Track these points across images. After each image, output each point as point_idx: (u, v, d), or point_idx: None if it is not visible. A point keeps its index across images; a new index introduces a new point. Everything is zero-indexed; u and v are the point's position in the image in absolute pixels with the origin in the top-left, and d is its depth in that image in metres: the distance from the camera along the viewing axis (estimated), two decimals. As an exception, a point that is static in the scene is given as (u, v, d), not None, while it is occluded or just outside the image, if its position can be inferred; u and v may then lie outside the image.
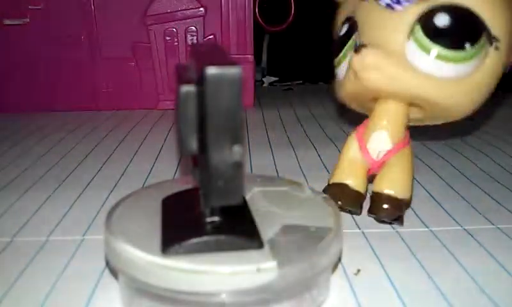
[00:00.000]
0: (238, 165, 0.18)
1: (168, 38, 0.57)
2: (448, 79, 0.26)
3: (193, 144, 0.19)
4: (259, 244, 0.19)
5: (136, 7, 0.56)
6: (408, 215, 0.30)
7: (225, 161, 0.17)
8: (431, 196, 0.33)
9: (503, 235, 0.27)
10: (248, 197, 0.24)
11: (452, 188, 0.34)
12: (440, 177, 0.36)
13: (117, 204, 0.23)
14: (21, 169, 0.38)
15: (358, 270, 0.24)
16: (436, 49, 0.26)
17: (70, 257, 0.25)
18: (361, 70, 0.27)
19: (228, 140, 0.17)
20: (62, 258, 0.25)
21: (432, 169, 0.38)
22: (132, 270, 0.19)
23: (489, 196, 0.33)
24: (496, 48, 0.26)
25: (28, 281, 0.23)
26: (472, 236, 0.27)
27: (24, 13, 0.55)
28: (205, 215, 0.20)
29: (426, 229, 0.28)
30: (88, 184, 0.35)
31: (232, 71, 0.17)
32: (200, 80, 0.17)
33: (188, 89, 0.18)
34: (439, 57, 0.26)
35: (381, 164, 0.29)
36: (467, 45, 0.26)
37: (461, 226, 0.28)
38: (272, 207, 0.23)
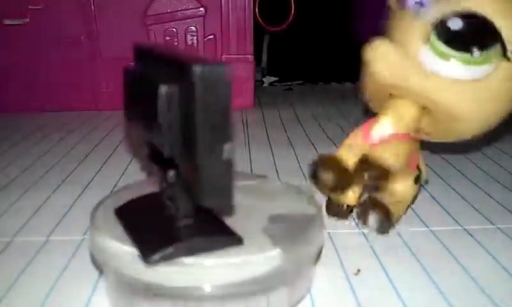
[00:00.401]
0: (229, 164, 0.17)
1: (168, 38, 0.57)
2: (456, 80, 0.26)
3: (176, 146, 0.18)
4: (239, 240, 0.19)
5: (136, 7, 0.56)
6: (408, 214, 0.30)
7: (216, 161, 0.17)
8: (431, 195, 0.33)
9: (503, 235, 0.27)
10: None
11: (452, 188, 0.34)
12: (440, 177, 0.36)
13: (99, 204, 0.23)
14: (21, 169, 0.38)
15: (358, 270, 0.24)
16: (447, 50, 0.26)
17: (70, 257, 0.25)
18: (371, 59, 0.27)
19: (219, 139, 0.17)
20: (62, 258, 0.25)
21: (432, 169, 0.38)
22: (120, 266, 0.19)
23: (489, 196, 0.33)
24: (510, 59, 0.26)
25: (28, 280, 0.23)
26: (471, 236, 0.27)
27: (24, 13, 0.55)
28: (176, 219, 0.20)
29: (426, 228, 0.28)
30: (88, 184, 0.35)
31: (221, 68, 0.17)
32: (183, 79, 0.17)
33: (170, 89, 0.17)
34: (447, 57, 0.26)
35: (378, 144, 0.28)
36: (475, 49, 0.26)
37: (461, 226, 0.28)
38: (249, 201, 0.23)
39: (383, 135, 0.28)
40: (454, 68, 0.26)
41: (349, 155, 0.28)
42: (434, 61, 0.26)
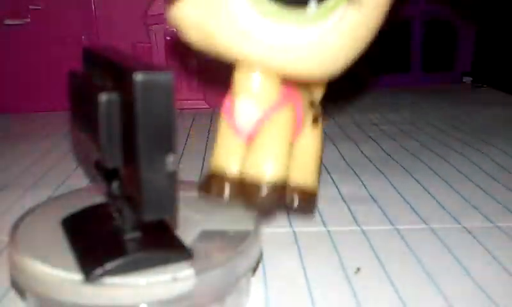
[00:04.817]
0: (172, 176, 0.16)
1: (168, 38, 0.57)
2: (291, 45, 0.20)
3: (118, 156, 0.17)
4: (188, 254, 0.19)
5: (137, 7, 0.56)
6: (407, 212, 0.30)
7: (158, 172, 0.16)
8: (430, 194, 0.33)
9: (503, 234, 0.27)
10: None
11: (451, 187, 0.34)
12: (439, 176, 0.36)
13: (22, 218, 0.22)
14: (21, 169, 0.38)
15: (358, 269, 0.24)
16: (270, 6, 0.19)
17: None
18: (178, 25, 0.21)
19: (161, 150, 0.16)
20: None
21: (431, 168, 0.38)
22: (44, 288, 0.18)
23: (488, 194, 0.33)
24: (357, 4, 0.20)
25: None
26: (471, 234, 0.27)
27: (24, 13, 0.55)
28: (123, 232, 0.19)
29: (425, 226, 0.28)
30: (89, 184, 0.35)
31: (163, 76, 0.16)
32: (124, 87, 0.16)
33: (110, 97, 0.16)
34: (274, 17, 0.19)
35: (252, 136, 0.23)
36: (312, 2, 0.19)
37: (460, 224, 0.28)
38: (190, 213, 0.23)
39: (251, 121, 0.23)
40: (282, 31, 0.20)
41: (229, 163, 0.24)
42: (252, 14, 0.19)
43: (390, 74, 0.69)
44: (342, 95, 0.63)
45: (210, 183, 0.24)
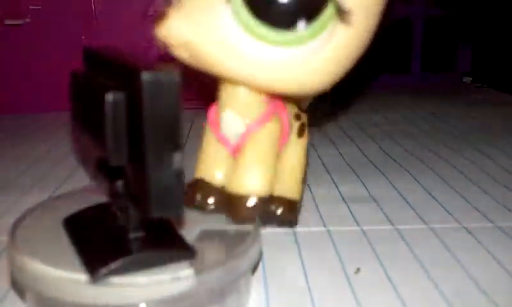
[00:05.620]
0: (179, 174, 0.17)
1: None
2: (280, 64, 0.20)
3: (124, 155, 0.17)
4: (192, 254, 0.19)
5: (136, 7, 0.56)
6: (407, 212, 0.30)
7: (165, 171, 0.16)
8: (430, 194, 0.33)
9: (503, 234, 0.27)
10: None
11: (451, 187, 0.34)
12: (439, 176, 0.36)
13: (22, 217, 0.22)
14: (21, 169, 0.38)
15: (358, 269, 0.24)
16: (259, 28, 0.19)
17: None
18: (166, 43, 0.21)
19: (168, 148, 0.16)
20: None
21: (431, 168, 0.38)
22: (44, 288, 0.18)
23: (488, 195, 0.33)
24: (347, 23, 0.20)
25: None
26: (471, 234, 0.27)
27: (24, 13, 0.55)
28: (127, 231, 0.19)
29: (425, 226, 0.28)
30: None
31: (170, 75, 0.16)
32: (131, 87, 0.16)
33: (116, 96, 0.17)
34: (262, 39, 0.20)
35: (238, 148, 0.23)
36: (301, 24, 0.19)
37: (460, 224, 0.28)
38: (190, 212, 0.23)
39: (237, 134, 0.23)
40: (271, 51, 0.20)
41: (214, 172, 0.24)
42: (240, 35, 0.20)
43: (390, 74, 0.69)
44: (341, 95, 0.63)
45: (194, 192, 0.24)
